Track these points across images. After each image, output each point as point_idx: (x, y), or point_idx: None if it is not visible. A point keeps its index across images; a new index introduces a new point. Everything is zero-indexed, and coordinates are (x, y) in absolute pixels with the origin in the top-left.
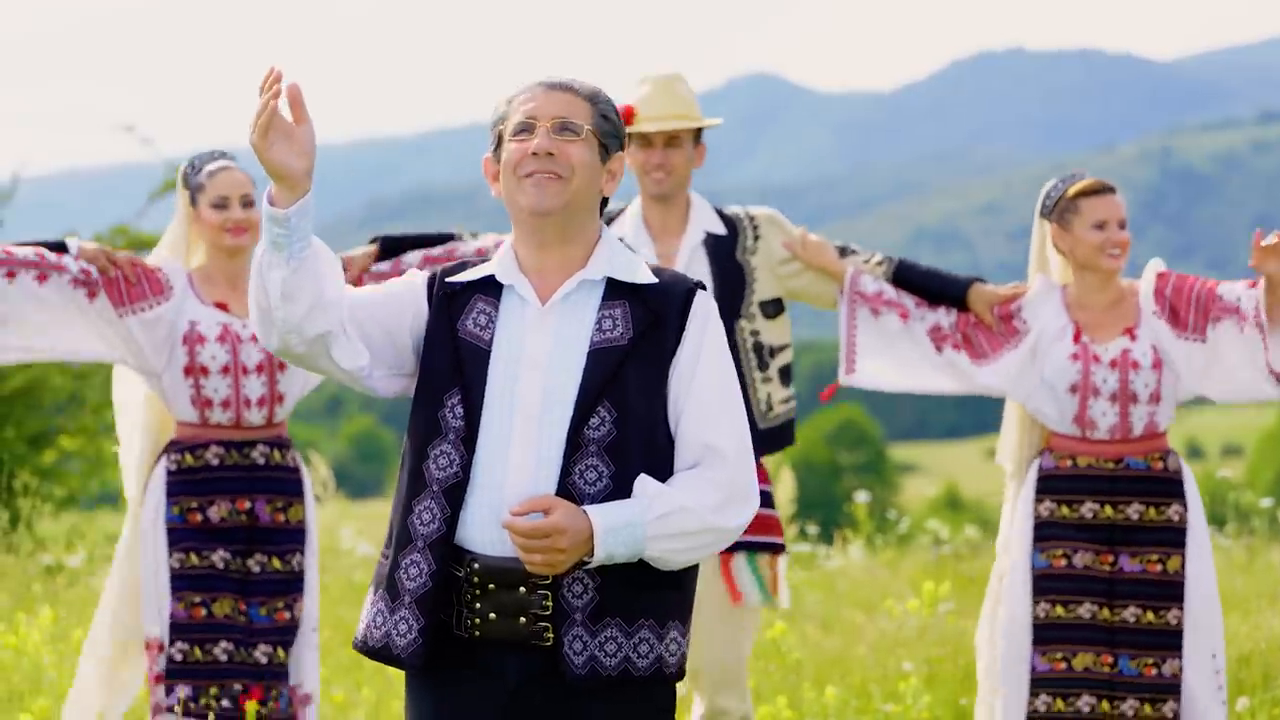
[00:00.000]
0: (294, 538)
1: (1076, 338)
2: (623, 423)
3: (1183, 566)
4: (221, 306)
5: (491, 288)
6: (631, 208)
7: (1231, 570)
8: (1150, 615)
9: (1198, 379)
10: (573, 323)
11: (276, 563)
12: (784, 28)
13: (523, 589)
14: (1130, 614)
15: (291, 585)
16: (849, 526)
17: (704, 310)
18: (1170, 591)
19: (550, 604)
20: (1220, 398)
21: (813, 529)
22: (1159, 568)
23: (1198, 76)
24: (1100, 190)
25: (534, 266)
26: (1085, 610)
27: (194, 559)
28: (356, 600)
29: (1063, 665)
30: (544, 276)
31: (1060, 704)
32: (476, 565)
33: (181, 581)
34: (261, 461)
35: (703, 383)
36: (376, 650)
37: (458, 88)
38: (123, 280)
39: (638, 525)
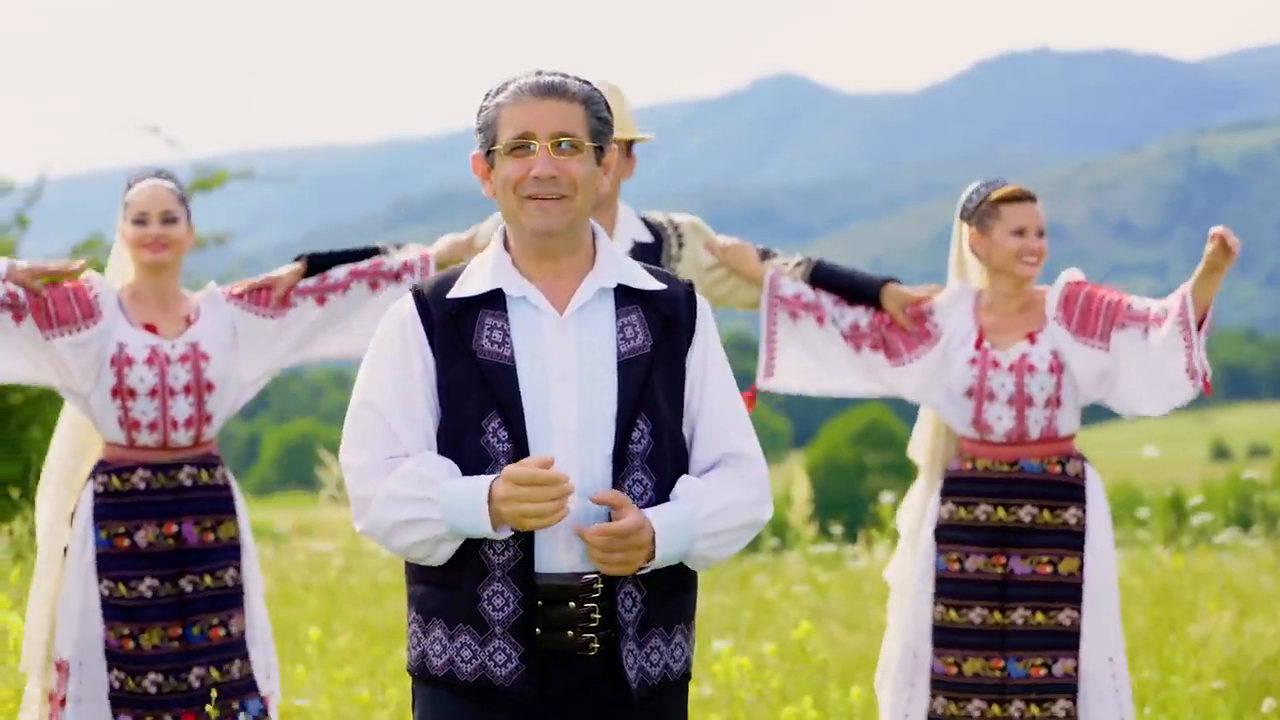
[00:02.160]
0: (226, 554)
1: (978, 343)
2: (657, 433)
3: (1080, 569)
4: (150, 328)
5: (495, 300)
6: None
7: (1258, 571)
8: (1040, 616)
9: (1094, 385)
10: (594, 332)
11: (209, 579)
12: (809, 28)
13: (572, 604)
14: (1019, 616)
15: (227, 601)
16: (874, 527)
17: (705, 310)
18: (1062, 593)
19: (598, 616)
20: (1120, 408)
21: (838, 529)
22: (1049, 569)
23: (1224, 77)
24: (1021, 197)
25: (539, 274)
26: (976, 615)
27: (122, 589)
28: (380, 601)
29: (954, 670)
30: (551, 283)
31: (953, 707)
32: (535, 584)
33: (111, 610)
34: (189, 483)
35: (714, 385)
36: (471, 684)
37: (483, 88)
38: (51, 302)
39: (690, 524)
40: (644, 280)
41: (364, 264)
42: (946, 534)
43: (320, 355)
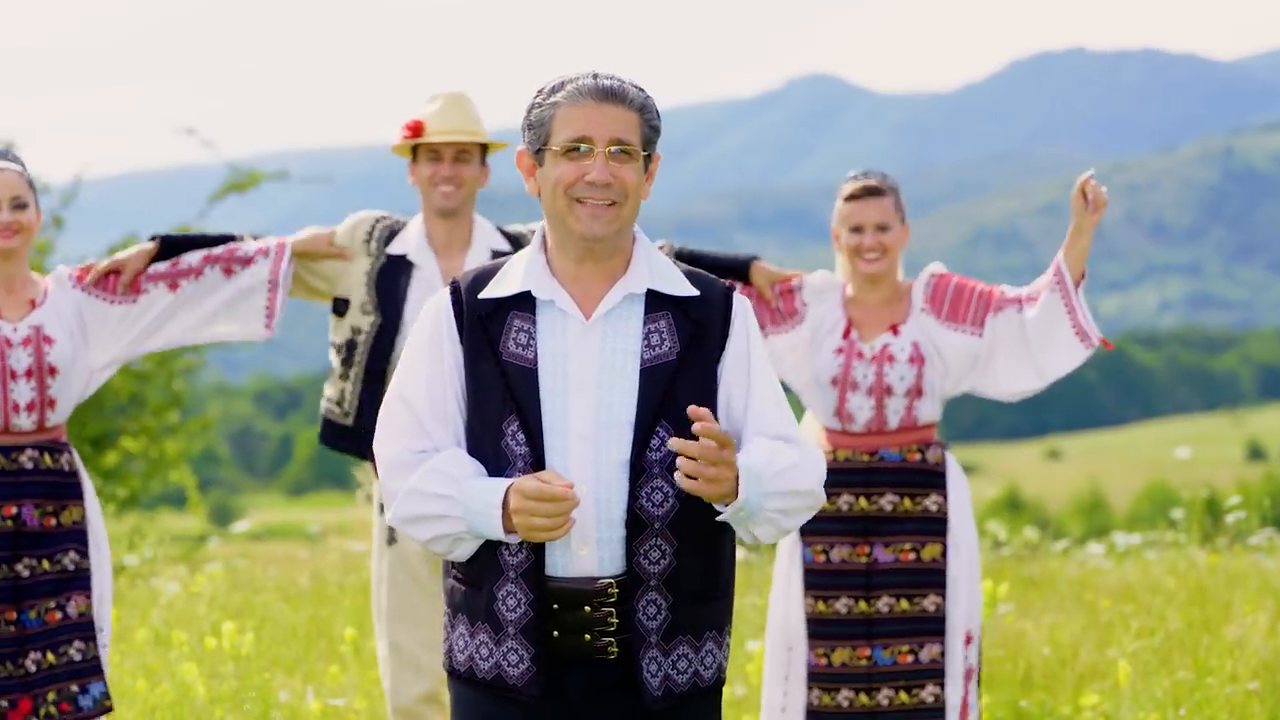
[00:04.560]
0: (67, 539)
1: (846, 334)
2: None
3: (943, 555)
4: None
5: (526, 302)
6: (413, 223)
7: None
8: (905, 603)
9: (966, 370)
10: (619, 338)
11: (46, 564)
12: (843, 28)
13: (587, 608)
14: (884, 604)
15: (64, 584)
16: None
17: (743, 313)
18: (925, 579)
19: (615, 620)
20: (993, 391)
21: None
22: (912, 556)
23: (1260, 76)
24: (857, 195)
25: (572, 276)
26: (842, 605)
27: None
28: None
29: (824, 661)
30: (584, 286)
31: (826, 698)
32: (547, 587)
33: None
34: (30, 466)
35: (759, 380)
36: (489, 682)
37: (520, 89)
38: None
39: (762, 478)
40: (677, 285)
41: (218, 249)
42: (809, 525)
43: (173, 340)
